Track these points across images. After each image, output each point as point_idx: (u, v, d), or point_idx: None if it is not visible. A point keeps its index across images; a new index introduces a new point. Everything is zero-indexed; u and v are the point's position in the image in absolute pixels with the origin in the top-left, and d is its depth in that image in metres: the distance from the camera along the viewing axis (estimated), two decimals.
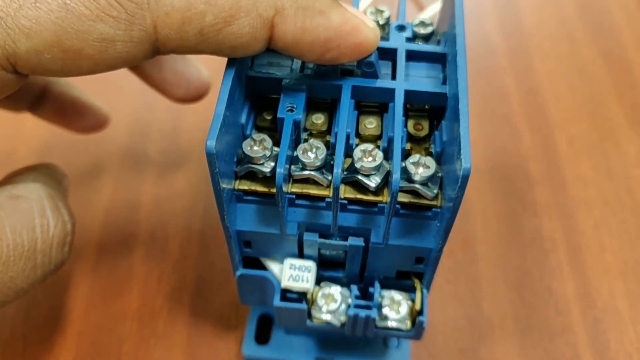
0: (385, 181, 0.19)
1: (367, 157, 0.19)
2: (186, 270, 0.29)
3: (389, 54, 0.21)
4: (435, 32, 0.23)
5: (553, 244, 0.30)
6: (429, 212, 0.20)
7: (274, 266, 0.21)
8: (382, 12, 0.23)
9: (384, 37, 0.22)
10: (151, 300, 0.28)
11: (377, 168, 0.19)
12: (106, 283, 0.29)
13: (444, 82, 0.20)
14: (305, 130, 0.20)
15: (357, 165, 0.19)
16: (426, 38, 0.22)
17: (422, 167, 0.19)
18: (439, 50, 0.21)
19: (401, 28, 0.22)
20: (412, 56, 0.21)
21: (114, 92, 0.35)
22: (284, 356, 0.25)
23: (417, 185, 0.19)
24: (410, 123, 0.21)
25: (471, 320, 0.28)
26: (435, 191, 0.19)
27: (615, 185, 0.32)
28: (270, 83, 0.20)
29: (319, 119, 0.20)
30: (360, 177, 0.19)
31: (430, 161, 0.19)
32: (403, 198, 0.19)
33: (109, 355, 0.27)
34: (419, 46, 0.21)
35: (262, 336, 0.26)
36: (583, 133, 0.34)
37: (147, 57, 0.17)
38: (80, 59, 0.16)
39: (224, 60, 0.18)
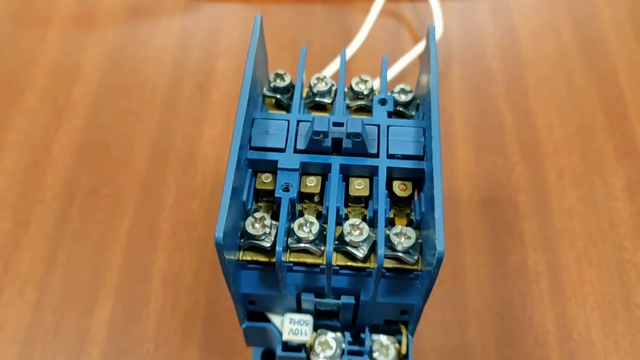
0: (372, 249, 0.21)
1: (355, 230, 0.21)
2: (198, 296, 0.32)
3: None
4: (415, 97, 0.25)
5: (536, 275, 0.33)
6: (411, 274, 0.22)
7: (275, 319, 0.24)
8: (366, 81, 0.25)
9: (368, 107, 0.24)
10: (167, 323, 0.31)
11: (365, 240, 0.21)
12: (127, 306, 0.32)
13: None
14: (300, 194, 0.22)
15: (347, 239, 0.21)
16: (406, 105, 0.25)
17: (404, 237, 0.21)
18: (417, 126, 0.23)
19: (383, 102, 0.24)
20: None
21: (134, 120, 0.38)
22: None
23: (400, 254, 0.21)
24: (396, 184, 0.23)
25: (456, 348, 0.30)
26: (415, 257, 0.21)
27: (599, 218, 0.34)
28: (268, 163, 0.22)
29: (311, 182, 0.23)
30: (349, 248, 0.21)
31: (411, 232, 0.21)
32: (388, 264, 0.22)
33: None
34: (400, 121, 0.23)
35: None
36: (572, 164, 0.36)
37: None
38: None
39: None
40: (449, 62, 0.41)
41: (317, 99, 0.25)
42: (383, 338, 0.25)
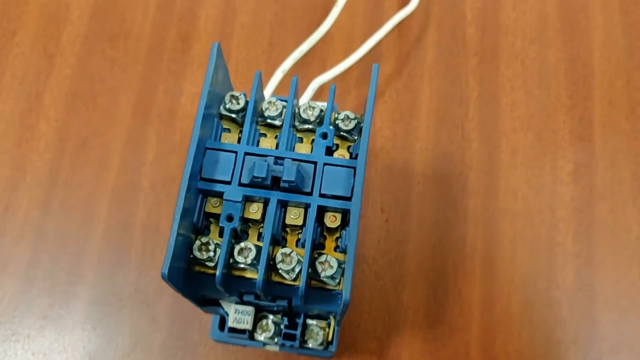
0: (301, 272, 0.25)
1: (286, 258, 0.25)
2: None
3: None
4: (359, 121, 0.27)
5: (473, 251, 0.36)
6: (334, 291, 0.26)
7: (224, 304, 0.29)
8: (313, 108, 0.27)
9: (314, 129, 0.27)
10: (146, 271, 0.36)
11: (293, 267, 0.25)
12: (111, 253, 0.37)
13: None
14: (244, 219, 0.26)
15: (278, 266, 0.25)
16: (349, 131, 0.27)
17: (327, 265, 0.25)
18: (350, 166, 0.26)
19: (324, 136, 0.26)
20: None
21: (119, 71, 0.40)
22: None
23: (323, 279, 0.25)
24: (327, 215, 0.26)
25: (390, 311, 0.35)
26: (337, 280, 0.26)
27: (541, 200, 0.37)
28: (216, 193, 0.25)
29: (254, 210, 0.26)
30: (281, 272, 0.25)
31: (334, 262, 0.25)
32: (313, 283, 0.26)
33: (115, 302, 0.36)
34: (336, 160, 0.26)
35: (225, 324, 0.34)
36: (527, 145, 0.39)
37: None
38: None
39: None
40: (426, 24, 0.41)
41: (268, 120, 0.27)
42: (314, 324, 0.29)
